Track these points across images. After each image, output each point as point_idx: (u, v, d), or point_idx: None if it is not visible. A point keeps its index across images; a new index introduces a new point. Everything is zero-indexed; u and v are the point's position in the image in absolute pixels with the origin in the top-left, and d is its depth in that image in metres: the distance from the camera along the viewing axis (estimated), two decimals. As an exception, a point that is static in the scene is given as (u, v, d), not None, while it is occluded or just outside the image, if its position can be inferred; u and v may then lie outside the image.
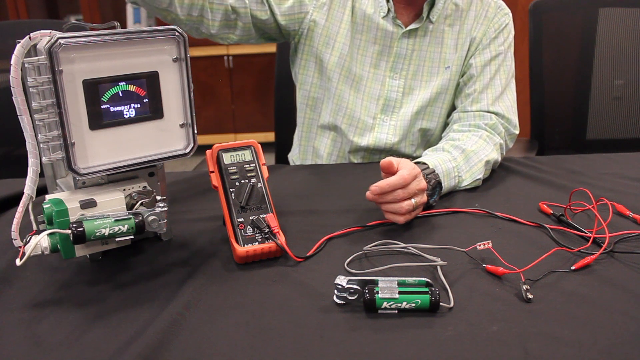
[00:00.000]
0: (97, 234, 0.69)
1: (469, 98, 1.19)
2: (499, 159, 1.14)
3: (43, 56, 0.67)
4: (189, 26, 1.14)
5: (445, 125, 1.24)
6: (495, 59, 1.20)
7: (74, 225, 0.68)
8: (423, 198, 0.90)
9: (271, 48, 1.56)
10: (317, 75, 1.24)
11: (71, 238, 0.68)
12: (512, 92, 1.22)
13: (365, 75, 1.21)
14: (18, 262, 0.67)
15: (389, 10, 1.18)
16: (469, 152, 1.07)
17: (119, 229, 0.71)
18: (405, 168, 0.88)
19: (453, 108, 1.24)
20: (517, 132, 1.20)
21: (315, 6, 1.19)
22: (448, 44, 1.20)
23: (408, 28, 1.18)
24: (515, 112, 1.21)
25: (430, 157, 1.03)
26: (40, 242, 0.69)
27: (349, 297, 0.68)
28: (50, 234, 0.70)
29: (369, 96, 1.22)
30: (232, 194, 0.81)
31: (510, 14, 1.23)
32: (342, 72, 1.21)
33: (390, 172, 0.89)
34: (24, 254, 0.68)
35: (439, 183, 0.99)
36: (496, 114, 1.17)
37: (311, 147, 1.32)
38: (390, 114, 1.22)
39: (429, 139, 1.26)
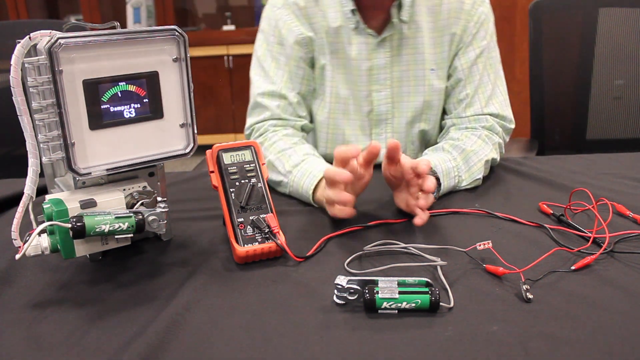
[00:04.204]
0: (97, 229, 0.69)
1: (462, 104, 1.15)
2: (498, 158, 1.13)
3: (43, 56, 0.67)
4: None
5: (441, 127, 1.22)
6: (480, 57, 1.15)
7: (74, 219, 0.68)
8: (430, 198, 0.90)
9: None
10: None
11: (71, 233, 0.68)
12: (502, 84, 1.17)
13: (351, 94, 1.17)
14: (17, 256, 0.67)
15: (357, 22, 1.12)
16: (468, 152, 1.07)
17: (119, 227, 0.71)
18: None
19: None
20: (513, 125, 1.17)
21: (319, 52, 1.16)
22: (426, 44, 1.14)
23: (382, 36, 1.12)
24: (508, 105, 1.16)
25: (429, 156, 1.03)
26: (41, 242, 0.70)
27: (349, 297, 0.68)
28: (50, 234, 0.70)
29: (359, 115, 1.18)
30: (232, 194, 0.81)
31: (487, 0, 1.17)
32: (332, 99, 1.17)
33: (396, 155, 0.87)
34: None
35: (437, 180, 0.98)
36: (491, 114, 1.14)
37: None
38: (384, 127, 1.19)
39: (428, 140, 1.23)
